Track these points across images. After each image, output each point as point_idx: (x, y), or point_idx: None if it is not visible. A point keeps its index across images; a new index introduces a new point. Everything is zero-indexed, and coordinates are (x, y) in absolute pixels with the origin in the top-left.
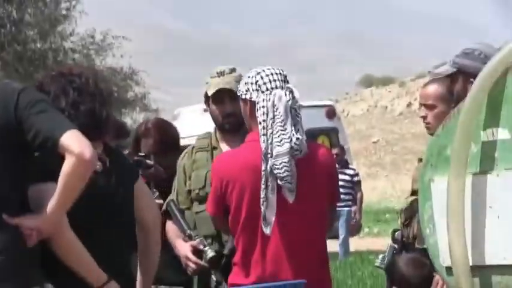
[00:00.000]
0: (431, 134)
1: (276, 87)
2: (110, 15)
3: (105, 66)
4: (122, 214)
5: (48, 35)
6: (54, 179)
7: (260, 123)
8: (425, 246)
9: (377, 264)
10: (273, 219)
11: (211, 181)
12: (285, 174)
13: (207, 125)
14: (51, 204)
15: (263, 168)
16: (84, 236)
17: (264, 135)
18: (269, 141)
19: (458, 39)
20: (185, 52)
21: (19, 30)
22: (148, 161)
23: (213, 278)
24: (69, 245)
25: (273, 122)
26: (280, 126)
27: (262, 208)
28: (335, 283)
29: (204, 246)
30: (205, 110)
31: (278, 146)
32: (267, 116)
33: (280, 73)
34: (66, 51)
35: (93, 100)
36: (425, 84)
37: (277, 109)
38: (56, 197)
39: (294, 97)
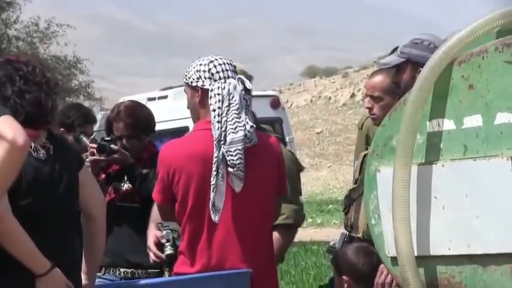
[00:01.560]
0: (377, 125)
1: (229, 77)
2: (54, 3)
3: (49, 54)
4: (65, 202)
5: None
6: None
7: (214, 110)
8: (359, 235)
9: (327, 248)
10: (222, 206)
11: (158, 170)
12: (238, 161)
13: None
14: None
15: (215, 155)
16: (27, 223)
17: (218, 122)
18: (223, 129)
19: (400, 31)
20: (129, 41)
21: None
22: (113, 146)
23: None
24: (10, 232)
25: (228, 110)
26: (236, 114)
27: (212, 195)
28: (278, 273)
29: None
30: (149, 99)
31: (233, 133)
32: (222, 104)
33: (230, 63)
34: (10, 39)
35: (40, 89)
36: (371, 75)
37: (232, 97)
38: None
39: (246, 88)
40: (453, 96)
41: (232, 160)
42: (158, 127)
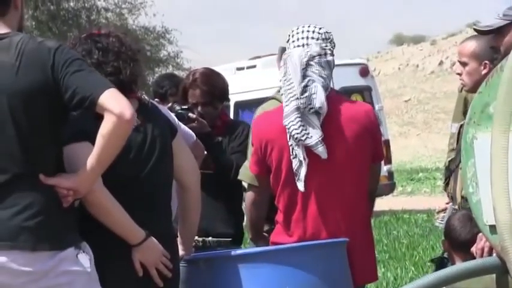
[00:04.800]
0: (467, 91)
1: (303, 45)
2: None
3: (138, 25)
4: (158, 171)
5: None
6: (88, 139)
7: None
8: (456, 207)
9: (437, 224)
10: (304, 174)
11: (252, 141)
12: (293, 133)
13: (240, 83)
14: (90, 164)
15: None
16: (120, 193)
17: (282, 94)
18: (284, 101)
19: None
20: (216, 10)
21: None
22: (190, 114)
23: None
24: (101, 203)
25: (285, 81)
26: (287, 85)
27: (293, 163)
28: None
29: None
30: (237, 69)
31: (286, 106)
32: (282, 76)
33: (313, 30)
34: (99, 11)
35: (117, 58)
36: (462, 41)
37: (287, 68)
38: (95, 157)
39: (315, 54)
40: None
41: (290, 132)
42: (247, 97)
